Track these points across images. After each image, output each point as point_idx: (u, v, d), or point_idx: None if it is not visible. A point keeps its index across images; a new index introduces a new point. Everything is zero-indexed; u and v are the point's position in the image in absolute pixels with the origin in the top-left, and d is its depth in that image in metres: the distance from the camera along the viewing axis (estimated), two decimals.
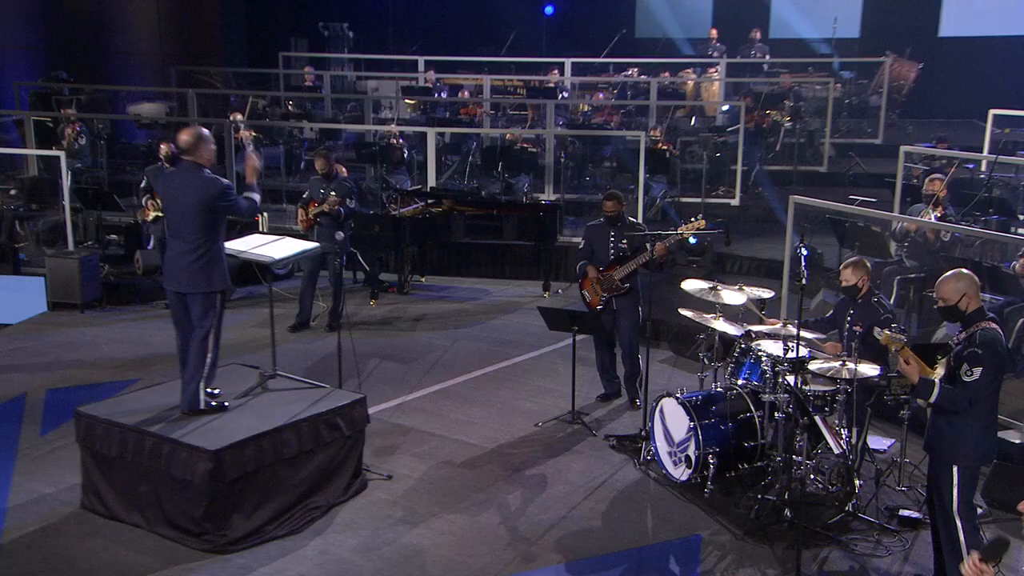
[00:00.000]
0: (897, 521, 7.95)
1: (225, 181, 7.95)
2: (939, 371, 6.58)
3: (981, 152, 14.85)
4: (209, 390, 7.93)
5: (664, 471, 8.73)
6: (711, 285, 9.48)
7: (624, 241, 10.04)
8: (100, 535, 7.72)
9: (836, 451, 8.34)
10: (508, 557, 7.59)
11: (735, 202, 15.97)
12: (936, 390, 6.40)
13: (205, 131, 8.04)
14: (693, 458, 8.29)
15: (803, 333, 8.37)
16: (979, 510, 7.57)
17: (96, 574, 7.24)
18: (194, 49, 21.05)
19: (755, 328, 9.03)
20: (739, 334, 9.19)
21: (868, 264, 9.16)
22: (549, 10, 24.83)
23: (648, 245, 9.81)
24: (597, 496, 8.53)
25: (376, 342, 12.05)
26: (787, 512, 7.87)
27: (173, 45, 21.19)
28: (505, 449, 9.46)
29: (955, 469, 6.67)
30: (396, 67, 21.06)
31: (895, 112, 19.73)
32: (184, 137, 7.92)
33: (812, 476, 8.36)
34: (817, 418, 8.15)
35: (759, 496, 8.19)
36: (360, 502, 8.26)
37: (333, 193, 12.34)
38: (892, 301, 11.35)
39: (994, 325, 6.65)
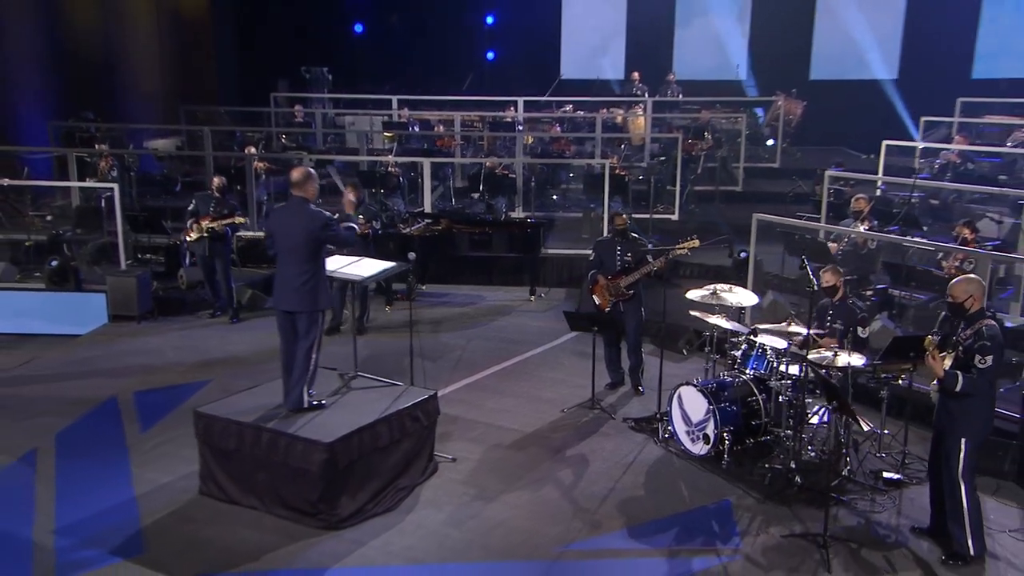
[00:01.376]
0: (883, 482, 8.02)
1: (327, 214, 7.82)
2: (947, 361, 6.63)
3: (876, 174, 15.05)
4: (310, 392, 7.88)
5: (683, 447, 8.70)
6: (711, 290, 9.41)
7: (629, 255, 10.00)
8: (224, 517, 7.63)
9: (865, 428, 8.41)
10: (578, 525, 7.56)
11: (675, 217, 15.90)
12: (961, 380, 6.46)
13: (312, 170, 7.90)
14: (712, 436, 8.31)
15: (803, 329, 8.45)
16: None
17: (232, 552, 7.16)
18: (194, 89, 20.67)
19: (762, 326, 8.96)
20: (745, 331, 9.13)
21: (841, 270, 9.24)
22: (490, 55, 24.79)
23: (650, 258, 9.87)
24: (633, 470, 8.52)
25: (403, 343, 11.31)
26: (797, 478, 7.90)
27: (175, 86, 20.74)
28: (543, 433, 9.36)
29: (963, 441, 6.76)
30: (370, 104, 20.70)
31: (787, 141, 19.86)
32: (296, 175, 7.79)
33: (809, 448, 8.40)
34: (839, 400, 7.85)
35: (768, 466, 8.23)
36: (436, 482, 8.21)
37: (361, 217, 12.09)
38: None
39: (993, 322, 6.77)
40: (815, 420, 8.44)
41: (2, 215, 15.16)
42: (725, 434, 8.26)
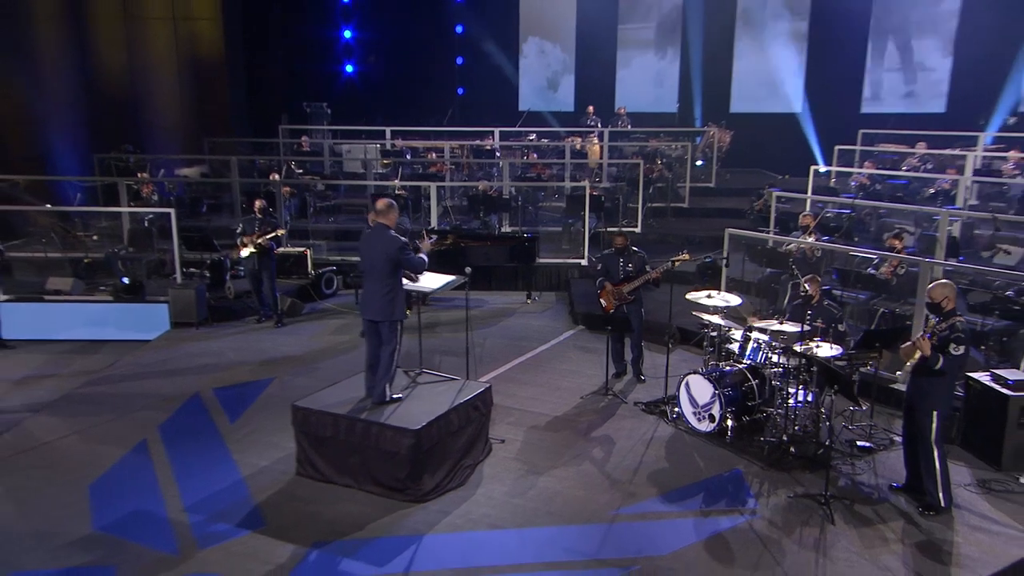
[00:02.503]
0: (857, 449, 8.23)
1: (404, 240, 7.77)
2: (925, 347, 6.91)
3: (805, 193, 15.13)
4: (389, 386, 7.90)
5: (690, 426, 8.74)
6: (707, 294, 9.50)
7: (630, 265, 10.04)
8: (323, 494, 7.62)
9: (863, 407, 8.62)
10: (619, 493, 7.60)
11: (638, 230, 15.91)
12: (941, 360, 6.76)
13: (393, 201, 7.93)
14: (716, 415, 8.40)
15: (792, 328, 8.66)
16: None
17: (338, 523, 7.17)
18: (212, 123, 20.31)
19: (757, 323, 9.06)
20: (743, 329, 9.16)
21: (820, 279, 9.44)
22: (460, 90, 24.73)
23: (648, 268, 9.99)
24: (653, 446, 8.53)
25: (430, 342, 11.49)
26: (792, 449, 8.04)
27: (195, 120, 20.39)
28: (569, 416, 9.32)
29: (935, 413, 7.01)
30: (364, 135, 20.43)
31: (718, 165, 20.01)
32: (380, 205, 7.83)
33: (796, 424, 8.44)
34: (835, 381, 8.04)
35: (764, 439, 8.33)
36: (492, 460, 8.21)
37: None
38: (787, 299, 11.22)
39: (963, 319, 7.06)
40: (792, 402, 8.47)
41: (55, 237, 14.87)
42: (728, 414, 8.34)
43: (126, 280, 12.72)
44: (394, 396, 7.84)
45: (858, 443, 8.34)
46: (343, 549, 6.75)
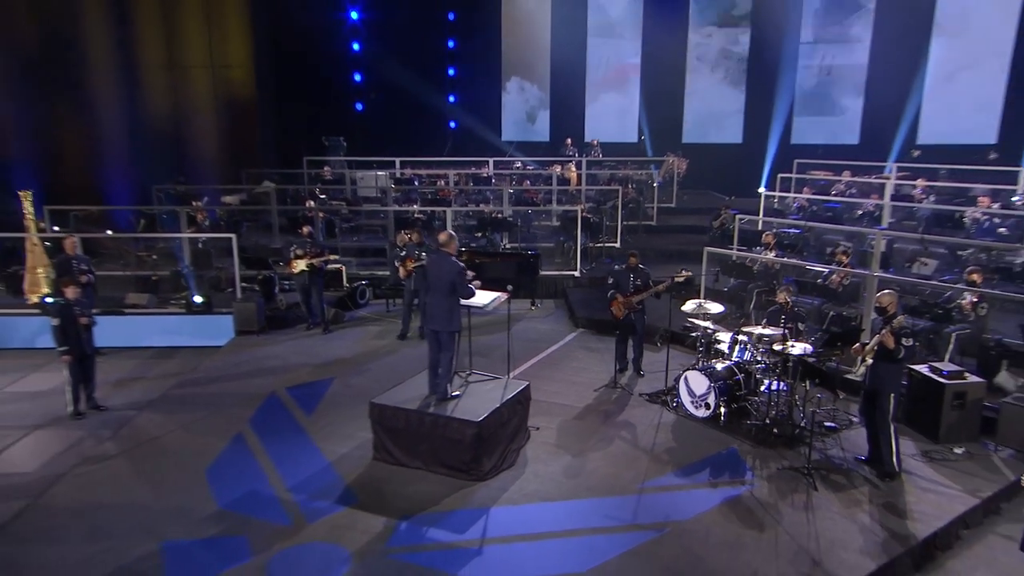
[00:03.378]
0: (825, 429, 8.56)
1: (462, 265, 8.01)
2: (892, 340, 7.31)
3: (756, 214, 15.29)
4: (449, 385, 8.12)
5: (689, 413, 8.99)
6: (698, 303, 9.72)
7: (639, 280, 10.15)
8: (398, 475, 7.78)
9: (842, 396, 9.00)
10: (642, 468, 7.85)
11: (617, 244, 16.09)
12: (903, 351, 7.22)
13: (453, 233, 8.23)
14: (712, 404, 8.69)
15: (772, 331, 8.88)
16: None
17: (417, 499, 7.30)
18: (244, 155, 20.16)
19: (744, 328, 9.27)
20: (733, 332, 9.39)
21: (791, 289, 9.65)
22: (453, 124, 24.76)
23: (653, 283, 10.11)
24: (662, 430, 8.76)
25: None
26: (775, 430, 8.34)
27: (229, 153, 20.18)
28: (590, 406, 9.46)
29: (892, 396, 7.43)
30: (376, 165, 20.26)
31: (678, 187, 20.06)
32: (442, 238, 8.10)
33: (774, 409, 8.61)
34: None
35: (750, 422, 8.60)
36: (533, 445, 8.38)
37: (424, 254, 11.78)
38: (752, 305, 11.67)
39: (905, 318, 7.52)
40: (763, 388, 8.81)
41: (124, 258, 14.88)
42: (721, 402, 8.69)
43: (199, 299, 12.75)
44: (453, 394, 8.06)
45: (826, 424, 8.65)
46: (426, 521, 6.95)
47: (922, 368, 8.64)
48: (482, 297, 8.43)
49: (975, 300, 9.87)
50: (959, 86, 20.78)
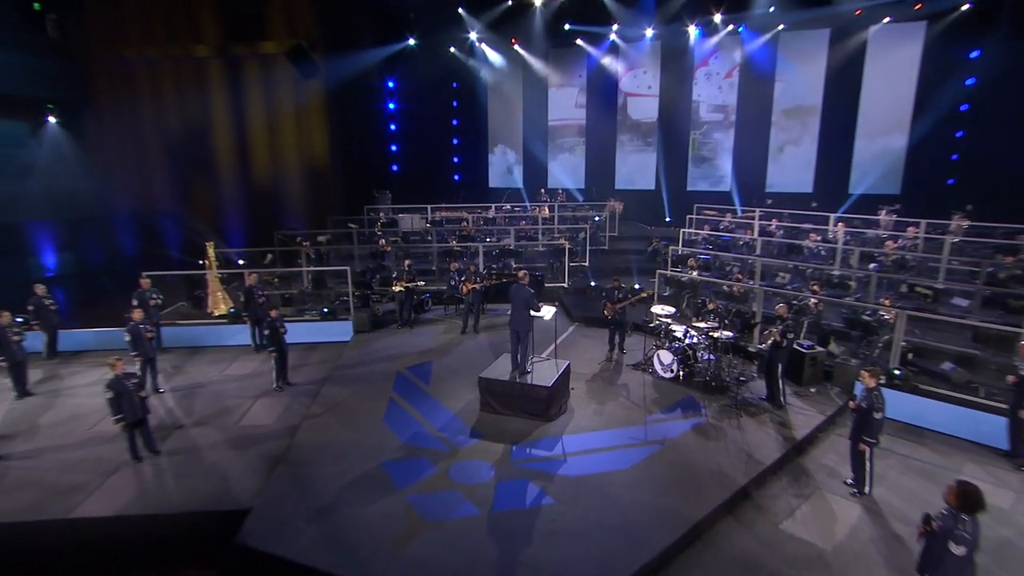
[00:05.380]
0: (740, 382, 9.61)
1: (532, 291, 8.83)
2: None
3: (677, 243, 16.01)
4: (527, 364, 9.00)
5: (660, 376, 9.95)
6: (665, 307, 10.78)
7: (620, 293, 10.87)
8: (498, 420, 8.52)
9: (755, 364, 9.81)
10: (643, 408, 8.90)
11: (586, 263, 16.48)
12: (787, 341, 8.40)
13: (527, 271, 9.10)
14: (675, 369, 9.78)
15: (707, 325, 9.79)
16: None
17: (517, 432, 8.21)
18: (322, 206, 20.33)
19: (695, 324, 10.21)
20: (685, 326, 10.25)
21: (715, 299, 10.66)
22: (457, 177, 25.07)
23: (630, 295, 10.94)
24: (647, 386, 9.75)
25: (495, 338, 12.27)
26: (713, 383, 9.45)
27: (312, 205, 20.41)
28: (598, 374, 10.22)
29: (780, 364, 8.71)
30: (412, 209, 20.36)
31: (619, 222, 20.07)
32: (521, 275, 8.99)
33: (710, 371, 9.55)
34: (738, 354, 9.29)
35: (700, 380, 9.55)
36: (573, 398, 9.29)
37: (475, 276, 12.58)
38: (684, 305, 12.35)
39: (791, 321, 8.67)
40: (703, 358, 9.78)
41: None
42: (681, 370, 9.83)
43: (327, 310, 13.36)
44: (528, 370, 9.07)
45: (740, 378, 9.79)
46: (527, 444, 8.05)
47: (795, 345, 9.87)
48: (545, 312, 9.26)
49: (815, 301, 10.97)
50: (786, 155, 20.86)
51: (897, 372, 9.27)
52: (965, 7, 16.30)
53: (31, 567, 6.98)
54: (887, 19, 17.64)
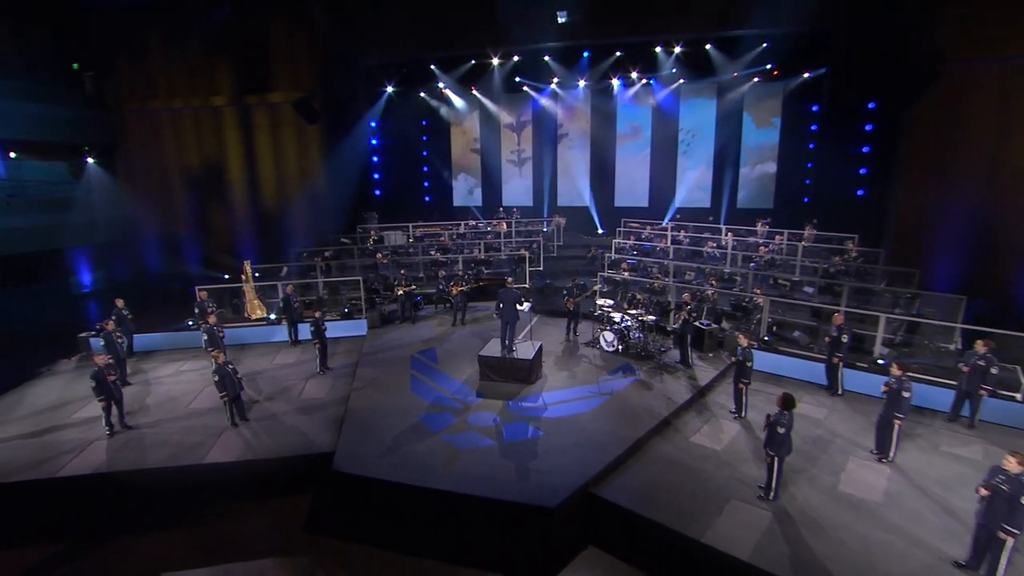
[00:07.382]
0: (661, 351, 11.10)
1: (519, 293, 10.27)
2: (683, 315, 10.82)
3: (610, 251, 17.66)
4: (514, 346, 10.34)
5: (607, 350, 11.23)
6: (606, 299, 12.27)
7: (577, 291, 11.99)
8: (496, 385, 10.08)
9: (670, 340, 11.26)
10: (596, 373, 10.35)
11: (541, 268, 17.21)
12: (693, 319, 10.55)
13: (512, 278, 10.84)
14: (616, 345, 11.21)
15: (638, 311, 11.36)
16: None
17: (510, 392, 9.67)
18: (323, 225, 20.68)
19: (627, 311, 11.51)
20: (622, 313, 11.44)
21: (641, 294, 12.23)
22: (428, 198, 25.59)
23: (585, 294, 12.27)
24: (599, 357, 11.15)
25: (479, 329, 13.11)
26: (642, 352, 10.94)
27: (315, 226, 20.61)
28: (564, 349, 11.53)
29: (689, 336, 10.42)
30: (396, 227, 20.72)
31: (563, 232, 21.23)
32: (509, 281, 10.54)
33: (640, 345, 10.91)
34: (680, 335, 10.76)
35: (634, 352, 10.94)
36: (545, 367, 10.57)
37: (461, 282, 13.94)
38: (619, 298, 13.97)
39: (693, 305, 10.50)
40: (635, 336, 11.46)
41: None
42: (620, 345, 11.27)
43: (347, 310, 14.45)
44: (514, 350, 10.40)
45: (661, 349, 11.28)
46: (518, 399, 9.53)
47: (698, 323, 11.63)
48: (525, 306, 10.74)
49: (712, 293, 12.55)
50: (689, 177, 22.02)
51: (766, 339, 11.68)
52: (806, 75, 19.38)
53: (178, 498, 8.50)
54: (756, 79, 20.72)
